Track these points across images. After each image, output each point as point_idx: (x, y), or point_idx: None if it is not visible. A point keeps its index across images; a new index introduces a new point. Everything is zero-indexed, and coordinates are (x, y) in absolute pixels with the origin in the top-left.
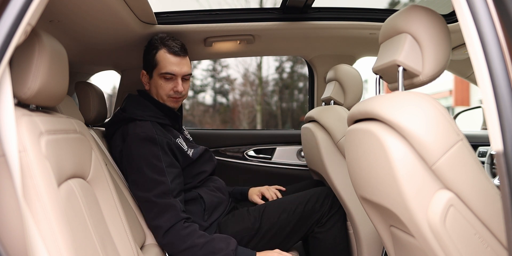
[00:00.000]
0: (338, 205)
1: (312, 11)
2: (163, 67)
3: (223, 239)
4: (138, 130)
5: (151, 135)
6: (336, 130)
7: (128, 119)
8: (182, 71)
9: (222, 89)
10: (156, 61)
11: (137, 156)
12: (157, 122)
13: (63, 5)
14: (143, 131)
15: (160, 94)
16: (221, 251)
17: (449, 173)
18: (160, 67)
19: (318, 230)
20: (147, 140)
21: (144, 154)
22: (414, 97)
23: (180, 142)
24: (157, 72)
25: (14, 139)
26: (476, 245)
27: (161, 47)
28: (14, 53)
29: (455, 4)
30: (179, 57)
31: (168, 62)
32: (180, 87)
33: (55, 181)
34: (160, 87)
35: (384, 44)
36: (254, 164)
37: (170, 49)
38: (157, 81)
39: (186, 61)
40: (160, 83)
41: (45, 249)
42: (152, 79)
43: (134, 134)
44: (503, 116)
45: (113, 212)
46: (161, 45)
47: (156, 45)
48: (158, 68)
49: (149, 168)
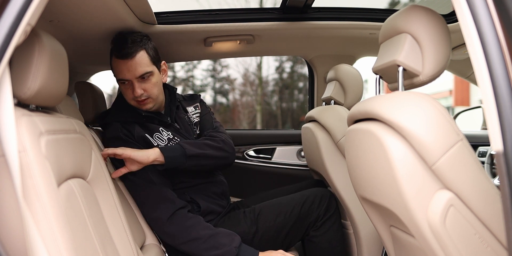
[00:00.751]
0: (334, 207)
1: (312, 11)
2: (116, 73)
3: (227, 235)
4: (107, 134)
5: (117, 135)
6: (336, 130)
7: (104, 125)
8: (133, 74)
9: (222, 89)
10: (112, 68)
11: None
12: (131, 121)
13: (63, 5)
14: (110, 133)
15: (127, 99)
16: (224, 246)
17: (449, 173)
18: (114, 73)
19: (314, 234)
20: (115, 140)
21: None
22: (414, 97)
23: (157, 136)
24: (116, 79)
25: (14, 139)
26: (476, 245)
27: (112, 52)
28: (14, 53)
29: (455, 4)
30: (126, 59)
31: (118, 68)
32: (137, 91)
33: (55, 181)
34: (123, 93)
35: (384, 44)
36: (254, 164)
37: (117, 53)
38: (120, 87)
39: (136, 61)
40: (122, 88)
41: (45, 249)
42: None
43: (105, 138)
44: (503, 116)
45: (113, 212)
46: (113, 49)
47: (111, 49)
48: (114, 74)
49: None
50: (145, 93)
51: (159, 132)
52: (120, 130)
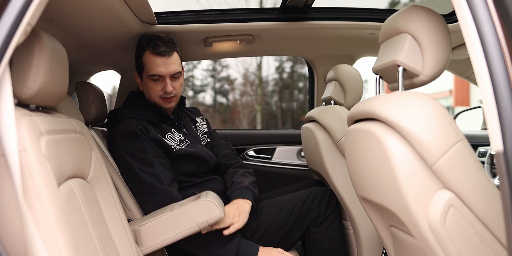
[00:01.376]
0: (334, 205)
1: (312, 11)
2: (149, 69)
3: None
4: (121, 128)
5: (133, 130)
6: (336, 130)
7: (116, 120)
8: (168, 71)
9: (222, 89)
10: (143, 64)
11: (123, 152)
12: (145, 119)
13: (63, 5)
14: (125, 128)
15: (151, 95)
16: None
17: (449, 173)
18: (147, 69)
19: (315, 231)
20: (129, 134)
21: (129, 149)
22: (414, 97)
23: (170, 137)
24: (145, 74)
25: (14, 139)
26: (476, 245)
27: (146, 49)
28: (14, 53)
29: (455, 4)
30: (164, 57)
31: (154, 64)
32: (169, 88)
33: (55, 181)
34: (150, 89)
35: (384, 44)
36: (254, 164)
37: (154, 50)
38: (147, 83)
39: (173, 59)
40: (150, 85)
41: (45, 249)
42: (143, 81)
43: (117, 132)
44: (503, 116)
45: (113, 212)
46: (146, 46)
47: (142, 46)
48: (146, 70)
49: (136, 161)
50: (174, 91)
51: (171, 133)
52: (136, 126)
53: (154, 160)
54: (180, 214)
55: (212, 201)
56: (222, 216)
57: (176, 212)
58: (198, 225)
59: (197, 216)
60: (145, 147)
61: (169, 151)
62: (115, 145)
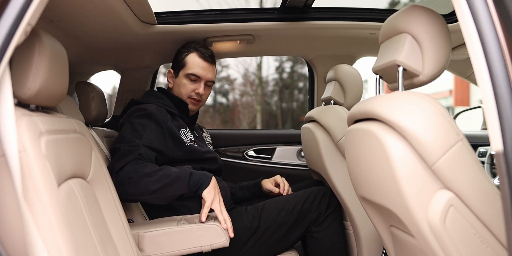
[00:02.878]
0: (335, 204)
1: (312, 11)
2: (190, 67)
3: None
4: (140, 107)
5: (151, 111)
6: (336, 130)
7: (137, 102)
8: (207, 76)
9: (222, 89)
10: (185, 62)
11: (126, 124)
12: (165, 108)
13: (63, 5)
14: (144, 107)
15: (182, 93)
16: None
17: (449, 173)
18: (187, 67)
19: (316, 229)
20: (143, 113)
21: (133, 121)
22: (414, 97)
23: (183, 132)
24: (184, 72)
25: (14, 139)
26: (476, 245)
27: (193, 51)
28: (14, 53)
29: (455, 4)
30: (208, 63)
31: (196, 65)
32: (202, 90)
33: (55, 181)
34: (183, 86)
35: (384, 44)
36: (254, 164)
37: (201, 54)
38: (182, 80)
39: (213, 69)
40: (184, 82)
41: (45, 249)
42: (178, 77)
43: (134, 110)
44: (503, 116)
45: (113, 212)
46: (193, 49)
47: (189, 48)
48: (186, 68)
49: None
50: (203, 96)
51: (185, 129)
52: (156, 110)
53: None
54: (187, 231)
55: (220, 227)
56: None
57: (184, 229)
58: (201, 247)
59: (203, 238)
60: (147, 126)
61: (179, 142)
62: (124, 118)
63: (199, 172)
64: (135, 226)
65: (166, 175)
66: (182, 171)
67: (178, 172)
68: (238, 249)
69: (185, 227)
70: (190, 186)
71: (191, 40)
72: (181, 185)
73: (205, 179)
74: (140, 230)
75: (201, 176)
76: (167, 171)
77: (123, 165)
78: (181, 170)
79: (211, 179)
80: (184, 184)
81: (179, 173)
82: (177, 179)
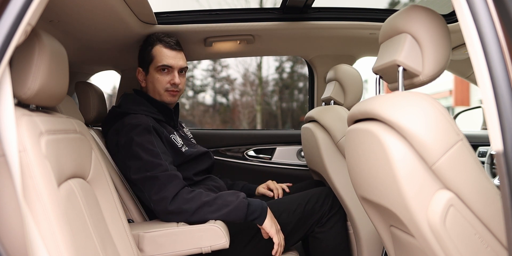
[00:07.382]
0: (338, 205)
1: (312, 11)
2: (159, 60)
3: (231, 194)
4: (133, 121)
5: (146, 124)
6: (336, 130)
7: (123, 113)
8: (178, 64)
9: (222, 89)
10: (152, 56)
11: (133, 143)
12: (151, 116)
13: (63, 5)
14: (138, 121)
15: (157, 88)
16: (232, 202)
17: (449, 173)
18: (156, 61)
19: (319, 230)
20: (142, 128)
21: (139, 141)
22: (414, 97)
23: (174, 138)
24: (153, 66)
25: (14, 139)
26: (476, 245)
27: (156, 43)
28: (14, 53)
29: (455, 4)
30: (175, 51)
31: (164, 56)
32: (177, 80)
33: (55, 181)
34: (156, 81)
35: (384, 44)
36: (254, 164)
37: (165, 44)
38: (154, 75)
39: (182, 55)
40: (157, 76)
41: (45, 249)
42: (149, 74)
43: (129, 124)
44: (503, 116)
45: (113, 212)
46: (156, 41)
47: (152, 41)
48: (154, 62)
49: (145, 152)
50: (179, 85)
51: (174, 134)
52: (150, 121)
53: (161, 154)
54: (187, 232)
55: (220, 228)
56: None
57: (184, 229)
58: (201, 248)
59: (203, 239)
60: (154, 141)
61: (178, 151)
62: (124, 135)
63: (254, 201)
64: (135, 226)
65: (224, 205)
66: (239, 202)
67: (236, 202)
68: (239, 250)
69: (185, 227)
70: (247, 216)
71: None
72: (238, 215)
73: (262, 211)
74: (140, 230)
75: (258, 207)
76: (224, 200)
77: (175, 193)
78: (238, 200)
79: (267, 210)
80: (242, 214)
81: (237, 204)
82: (235, 210)
